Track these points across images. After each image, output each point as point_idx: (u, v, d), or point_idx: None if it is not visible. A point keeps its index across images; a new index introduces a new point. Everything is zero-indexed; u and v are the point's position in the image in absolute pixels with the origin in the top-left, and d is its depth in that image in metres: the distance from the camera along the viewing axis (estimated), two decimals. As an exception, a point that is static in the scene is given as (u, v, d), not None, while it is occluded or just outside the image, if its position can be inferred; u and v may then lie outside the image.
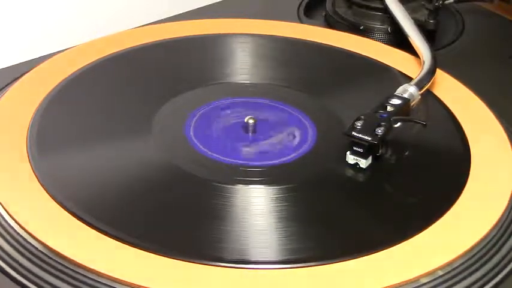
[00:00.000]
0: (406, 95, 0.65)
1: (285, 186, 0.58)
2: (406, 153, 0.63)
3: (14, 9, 0.89)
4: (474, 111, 0.68)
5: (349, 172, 0.60)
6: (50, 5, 0.91)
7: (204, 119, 0.66)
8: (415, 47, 0.74)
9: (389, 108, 0.63)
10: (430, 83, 0.69)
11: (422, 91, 0.67)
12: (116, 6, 0.95)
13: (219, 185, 0.58)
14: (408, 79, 0.70)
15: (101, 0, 0.94)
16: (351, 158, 0.60)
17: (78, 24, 0.93)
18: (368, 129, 0.60)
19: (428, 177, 0.61)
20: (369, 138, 0.59)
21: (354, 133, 0.60)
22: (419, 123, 0.64)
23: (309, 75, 0.74)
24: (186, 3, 0.88)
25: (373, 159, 0.60)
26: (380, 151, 0.61)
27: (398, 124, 0.63)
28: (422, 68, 0.70)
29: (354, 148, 0.60)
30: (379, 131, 0.60)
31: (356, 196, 0.59)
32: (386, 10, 0.81)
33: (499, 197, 0.58)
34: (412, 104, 0.65)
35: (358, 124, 0.60)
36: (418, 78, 0.68)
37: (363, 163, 0.60)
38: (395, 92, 0.66)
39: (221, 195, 0.57)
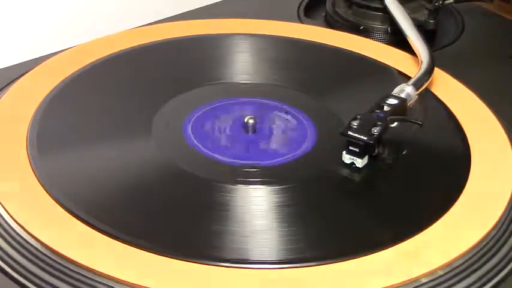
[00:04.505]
0: (403, 95, 0.65)
1: (285, 186, 0.58)
2: (405, 153, 0.63)
3: (14, 9, 0.89)
4: (474, 111, 0.68)
5: (350, 172, 0.60)
6: (50, 5, 0.91)
7: (204, 119, 0.66)
8: (413, 47, 0.74)
9: (385, 108, 0.63)
10: (427, 83, 0.69)
11: (419, 91, 0.67)
12: (115, 6, 0.95)
13: (219, 184, 0.58)
14: (408, 79, 0.69)
15: (100, 0, 0.94)
16: (347, 158, 0.60)
17: (78, 24, 0.93)
18: (364, 128, 0.60)
19: (428, 177, 0.61)
20: (365, 138, 0.59)
21: (350, 132, 0.60)
22: (416, 123, 0.64)
23: (309, 75, 0.74)
24: (186, 3, 0.88)
25: (369, 159, 0.60)
26: (376, 151, 0.61)
27: (395, 124, 0.63)
28: (420, 68, 0.70)
29: (350, 147, 0.60)
30: (375, 131, 0.60)
31: (356, 196, 0.59)
32: (386, 10, 0.81)
33: (499, 197, 0.58)
34: (409, 104, 0.65)
35: (355, 124, 0.60)
36: (416, 78, 0.68)
37: (359, 162, 0.60)
38: (392, 91, 0.66)
39: (221, 195, 0.57)
